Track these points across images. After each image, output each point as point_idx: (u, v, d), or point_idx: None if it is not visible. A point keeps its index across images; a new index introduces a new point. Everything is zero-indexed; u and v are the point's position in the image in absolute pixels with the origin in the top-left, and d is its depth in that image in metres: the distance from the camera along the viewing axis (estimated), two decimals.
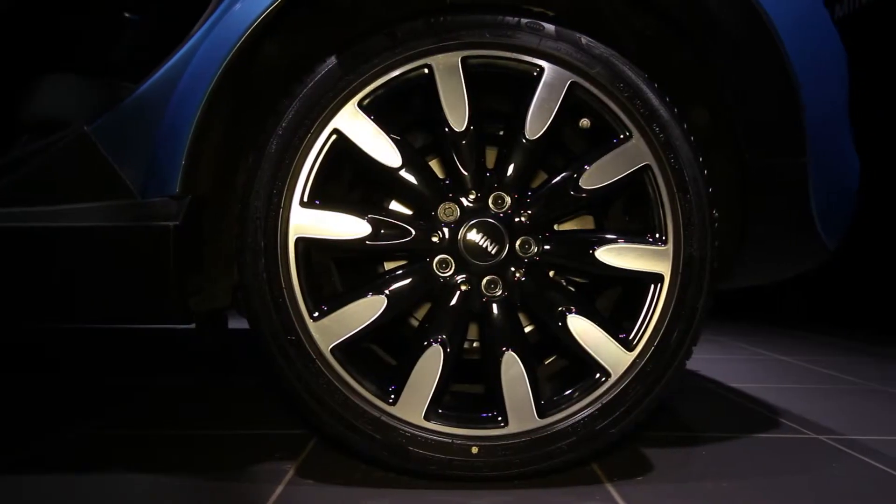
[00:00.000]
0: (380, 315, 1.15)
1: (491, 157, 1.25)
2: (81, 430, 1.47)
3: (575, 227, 1.45)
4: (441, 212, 1.19)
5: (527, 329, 1.43)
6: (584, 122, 1.24)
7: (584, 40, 1.15)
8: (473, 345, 1.47)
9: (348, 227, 1.15)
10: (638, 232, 1.22)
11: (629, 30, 1.26)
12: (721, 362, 2.64)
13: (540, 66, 1.16)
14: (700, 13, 1.15)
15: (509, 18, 1.15)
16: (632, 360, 1.17)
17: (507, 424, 1.16)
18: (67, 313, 1.16)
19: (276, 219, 1.13)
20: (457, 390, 1.35)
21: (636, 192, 1.21)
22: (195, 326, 1.43)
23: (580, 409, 1.16)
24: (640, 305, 1.19)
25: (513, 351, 1.17)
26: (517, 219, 1.19)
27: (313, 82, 1.13)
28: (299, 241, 1.14)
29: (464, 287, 1.19)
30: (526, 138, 1.17)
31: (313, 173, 1.15)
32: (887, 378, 2.38)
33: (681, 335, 1.16)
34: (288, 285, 1.13)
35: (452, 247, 1.18)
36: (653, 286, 1.18)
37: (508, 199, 1.19)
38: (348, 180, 1.35)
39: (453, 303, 1.19)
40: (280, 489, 1.12)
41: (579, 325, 1.18)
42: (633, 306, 1.20)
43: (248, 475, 1.19)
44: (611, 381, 1.17)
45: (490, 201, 1.19)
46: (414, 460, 1.15)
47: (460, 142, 1.17)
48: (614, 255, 1.18)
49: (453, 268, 1.19)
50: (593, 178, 1.17)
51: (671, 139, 1.15)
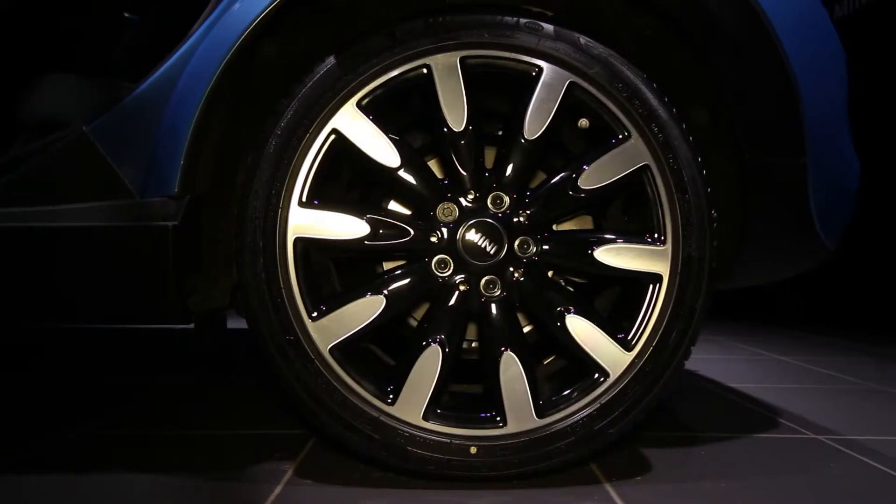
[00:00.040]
0: (378, 315, 1.15)
1: (490, 157, 1.25)
2: (81, 430, 1.47)
3: (574, 228, 1.45)
4: (440, 212, 1.19)
5: (525, 329, 1.43)
6: (583, 123, 1.24)
7: (583, 40, 1.15)
8: (472, 345, 1.47)
9: (347, 227, 1.16)
10: (636, 232, 1.22)
11: (629, 30, 1.26)
12: (720, 362, 2.64)
13: (539, 66, 1.16)
14: (700, 13, 1.15)
15: (508, 18, 1.15)
16: (630, 360, 1.17)
17: (505, 424, 1.16)
18: (66, 313, 1.16)
19: (275, 219, 1.13)
20: (455, 390, 1.34)
21: (635, 192, 1.21)
22: (194, 326, 1.43)
23: (579, 410, 1.16)
24: (639, 305, 1.19)
25: (511, 351, 1.17)
26: (516, 219, 1.19)
27: (312, 82, 1.13)
28: (298, 241, 1.14)
29: (462, 287, 1.19)
30: (525, 138, 1.17)
31: (312, 173, 1.15)
32: (886, 378, 2.38)
33: (679, 335, 1.17)
34: (286, 285, 1.14)
35: (451, 247, 1.18)
36: (651, 286, 1.18)
37: (507, 200, 1.19)
38: (347, 180, 1.35)
39: (452, 303, 1.19)
40: (279, 489, 1.12)
41: (578, 326, 1.18)
42: (632, 306, 1.20)
43: (247, 475, 1.19)
44: (609, 382, 1.17)
45: (489, 201, 1.19)
46: (412, 460, 1.15)
47: (459, 142, 1.17)
48: (613, 256, 1.18)
49: (452, 268, 1.19)
50: (592, 178, 1.18)
51: (670, 139, 1.15)
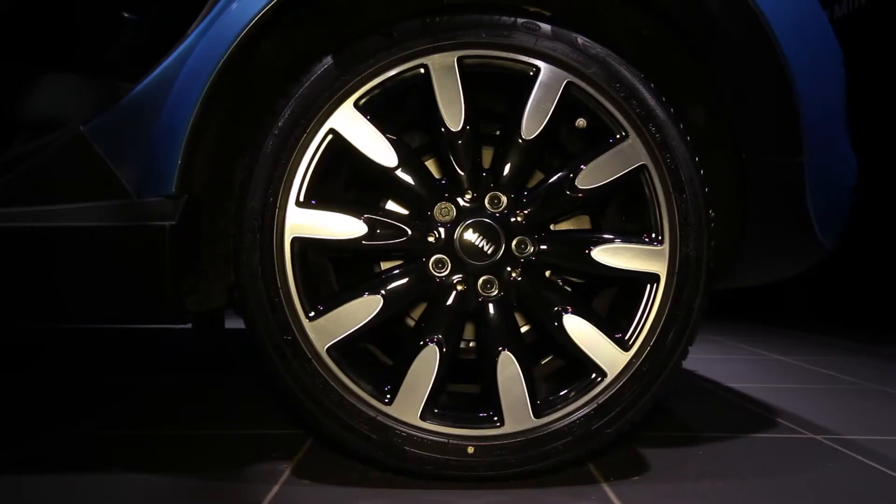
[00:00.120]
0: (376, 315, 1.15)
1: (487, 156, 1.25)
2: (81, 429, 1.47)
3: (571, 227, 1.45)
4: (437, 212, 1.19)
5: (523, 329, 1.43)
6: (581, 122, 1.24)
7: (581, 40, 1.15)
8: (469, 345, 1.47)
9: (344, 226, 1.16)
10: (634, 232, 1.22)
11: (627, 30, 1.26)
12: (719, 362, 2.64)
13: (536, 65, 1.16)
14: (700, 15, 1.15)
15: (506, 18, 1.15)
16: (628, 360, 1.17)
17: (503, 424, 1.16)
18: (64, 313, 1.16)
19: (273, 218, 1.13)
20: (453, 390, 1.35)
21: (632, 192, 1.21)
22: (192, 326, 1.43)
23: (576, 409, 1.16)
24: (637, 305, 1.19)
25: (509, 351, 1.17)
26: (513, 219, 1.19)
27: (309, 82, 1.13)
28: (295, 241, 1.14)
29: (460, 287, 1.19)
30: (522, 138, 1.17)
31: (309, 173, 1.15)
32: (886, 378, 2.38)
33: (677, 335, 1.17)
34: (284, 285, 1.14)
35: (448, 247, 1.18)
36: (649, 286, 1.18)
37: (504, 199, 1.19)
38: (344, 180, 1.35)
39: (449, 303, 1.19)
40: (276, 489, 1.12)
41: (575, 325, 1.18)
42: (630, 306, 1.20)
43: (245, 475, 1.19)
44: (607, 381, 1.17)
45: (486, 201, 1.19)
46: (410, 460, 1.15)
47: (456, 142, 1.17)
48: (610, 255, 1.18)
49: (449, 268, 1.19)
50: (589, 177, 1.17)
51: (667, 139, 1.15)
